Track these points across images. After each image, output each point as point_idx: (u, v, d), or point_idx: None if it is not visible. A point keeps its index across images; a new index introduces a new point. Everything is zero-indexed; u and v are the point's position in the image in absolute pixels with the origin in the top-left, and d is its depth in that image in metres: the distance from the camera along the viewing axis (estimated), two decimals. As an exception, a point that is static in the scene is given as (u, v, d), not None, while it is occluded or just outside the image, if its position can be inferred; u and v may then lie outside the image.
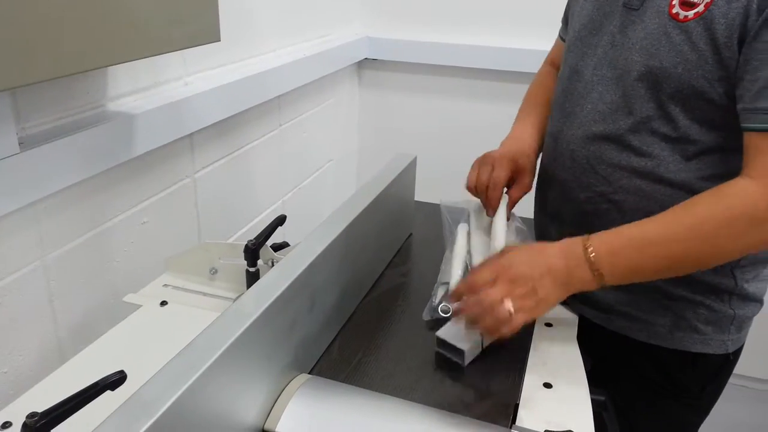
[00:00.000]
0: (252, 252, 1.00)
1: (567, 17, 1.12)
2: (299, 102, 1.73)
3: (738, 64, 0.78)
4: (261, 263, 1.02)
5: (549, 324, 0.95)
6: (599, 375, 0.86)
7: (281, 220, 1.09)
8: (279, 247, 1.12)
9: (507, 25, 1.96)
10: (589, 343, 0.91)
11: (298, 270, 0.77)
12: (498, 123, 1.35)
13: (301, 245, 0.84)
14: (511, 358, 0.89)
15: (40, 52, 0.70)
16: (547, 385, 0.80)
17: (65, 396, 0.62)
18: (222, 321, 0.67)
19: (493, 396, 0.82)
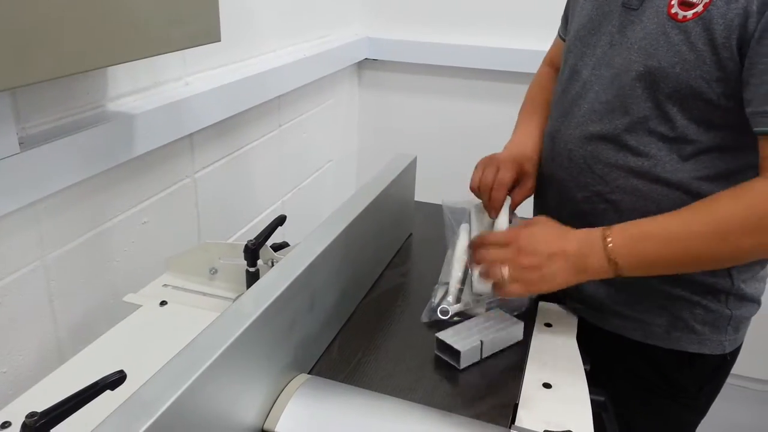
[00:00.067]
0: (252, 252, 1.00)
1: (567, 16, 1.12)
2: (299, 102, 1.73)
3: (741, 66, 0.78)
4: (261, 263, 1.02)
5: (549, 324, 0.95)
6: (595, 375, 0.87)
7: (281, 220, 1.09)
8: (279, 248, 1.12)
9: (506, 26, 1.96)
10: (586, 343, 0.91)
11: (297, 270, 0.77)
12: (498, 123, 1.35)
13: (301, 245, 0.85)
14: (511, 357, 0.89)
15: (40, 52, 0.70)
16: (547, 386, 0.80)
17: (65, 396, 0.62)
18: (222, 321, 0.67)
19: (493, 396, 0.82)
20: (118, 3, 0.79)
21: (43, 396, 0.72)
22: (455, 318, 0.96)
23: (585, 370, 0.84)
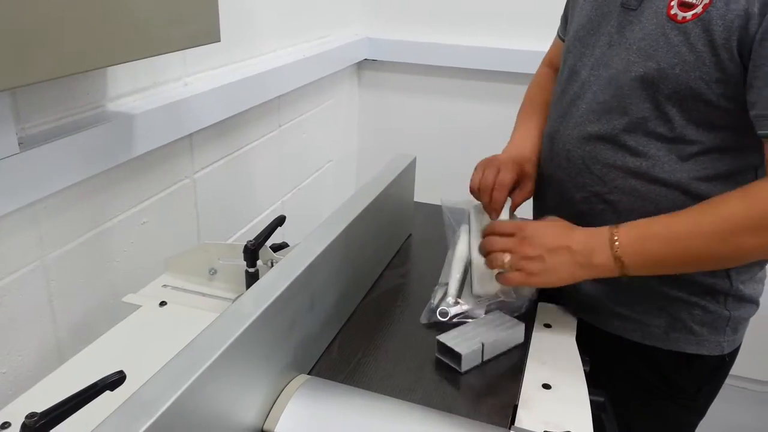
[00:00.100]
0: (251, 252, 1.00)
1: (566, 16, 1.12)
2: (299, 102, 1.74)
3: (742, 67, 0.78)
4: (260, 264, 1.02)
5: (548, 325, 0.95)
6: (595, 375, 0.87)
7: (281, 220, 1.09)
8: (278, 248, 1.12)
9: (506, 26, 1.97)
10: (585, 344, 0.91)
11: (297, 270, 0.77)
12: (497, 124, 1.35)
13: (301, 246, 0.85)
14: (510, 358, 0.90)
15: (40, 52, 0.70)
16: (546, 386, 0.80)
17: (64, 396, 0.62)
18: (221, 321, 0.67)
19: (492, 397, 0.82)
20: (117, 3, 0.79)
21: (43, 396, 0.72)
22: (454, 320, 0.96)
23: (584, 370, 0.84)
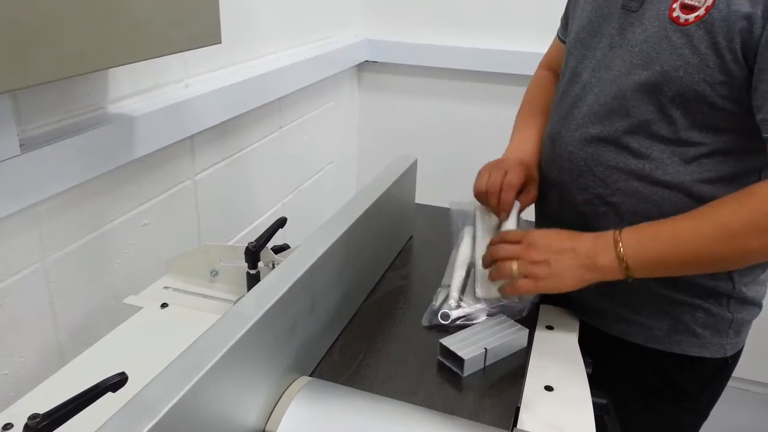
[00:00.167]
0: (252, 254, 1.00)
1: (567, 18, 1.12)
2: (299, 104, 1.74)
3: (747, 70, 0.78)
4: (261, 265, 1.02)
5: (550, 326, 0.95)
6: (597, 377, 0.86)
7: (282, 222, 1.09)
8: (279, 250, 1.12)
9: (506, 28, 1.97)
10: (587, 346, 0.91)
11: (298, 272, 0.77)
12: (498, 125, 1.35)
13: (302, 247, 0.84)
14: (513, 360, 0.89)
15: (40, 54, 0.70)
16: (549, 388, 0.80)
17: (66, 398, 0.62)
18: (223, 323, 0.67)
19: (495, 398, 0.82)
20: (118, 5, 0.79)
21: (45, 398, 0.72)
22: (456, 322, 0.96)
23: (587, 372, 0.84)
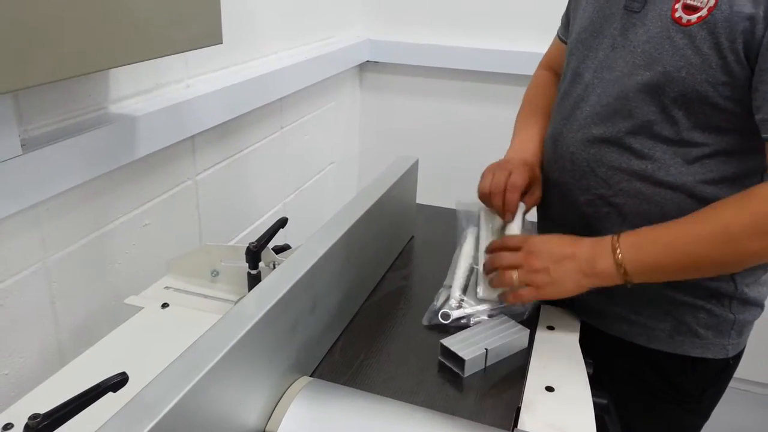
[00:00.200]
0: (253, 254, 1.00)
1: (567, 17, 1.12)
2: (301, 105, 1.74)
3: (750, 70, 0.78)
4: (262, 266, 1.02)
5: (551, 327, 0.95)
6: (598, 377, 0.86)
7: (283, 222, 1.09)
8: (280, 250, 1.12)
9: (507, 28, 1.97)
10: (588, 346, 0.91)
11: (299, 272, 0.77)
12: (498, 125, 1.35)
13: (303, 248, 0.84)
14: (513, 360, 0.89)
15: (41, 54, 0.70)
16: (549, 389, 0.80)
17: (67, 398, 0.62)
18: (223, 323, 0.67)
19: (495, 399, 0.82)
20: (119, 5, 0.79)
21: (46, 398, 0.72)
22: (458, 322, 0.96)
23: (588, 373, 0.84)
